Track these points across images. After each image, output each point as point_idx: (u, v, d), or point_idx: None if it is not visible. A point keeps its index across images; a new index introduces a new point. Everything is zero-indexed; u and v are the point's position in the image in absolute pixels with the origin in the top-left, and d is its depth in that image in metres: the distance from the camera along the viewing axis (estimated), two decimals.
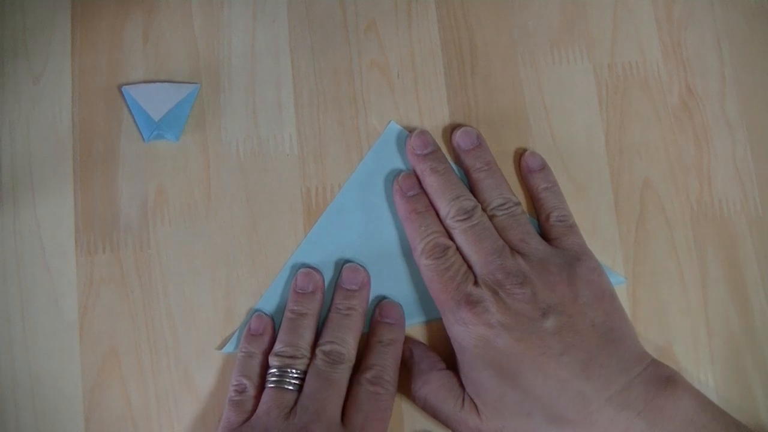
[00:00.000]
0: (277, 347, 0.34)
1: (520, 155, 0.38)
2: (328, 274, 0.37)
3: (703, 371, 0.37)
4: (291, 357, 0.34)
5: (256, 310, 0.36)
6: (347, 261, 0.37)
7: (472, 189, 0.36)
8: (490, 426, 0.32)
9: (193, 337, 0.37)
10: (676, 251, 0.38)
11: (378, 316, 0.36)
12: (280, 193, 0.38)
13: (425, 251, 0.34)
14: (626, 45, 0.40)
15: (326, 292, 0.36)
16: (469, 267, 0.34)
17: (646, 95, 0.39)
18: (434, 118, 0.39)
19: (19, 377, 0.36)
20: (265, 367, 0.34)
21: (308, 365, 0.34)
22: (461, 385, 0.33)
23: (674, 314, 0.37)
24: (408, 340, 0.36)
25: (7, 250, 0.37)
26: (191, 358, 0.36)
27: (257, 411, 0.33)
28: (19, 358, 0.36)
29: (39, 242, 0.37)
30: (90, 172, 0.38)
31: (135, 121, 0.38)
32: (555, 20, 0.40)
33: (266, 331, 0.35)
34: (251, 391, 0.34)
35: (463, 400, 0.33)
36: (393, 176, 0.38)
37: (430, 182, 0.36)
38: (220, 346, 0.36)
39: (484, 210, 0.35)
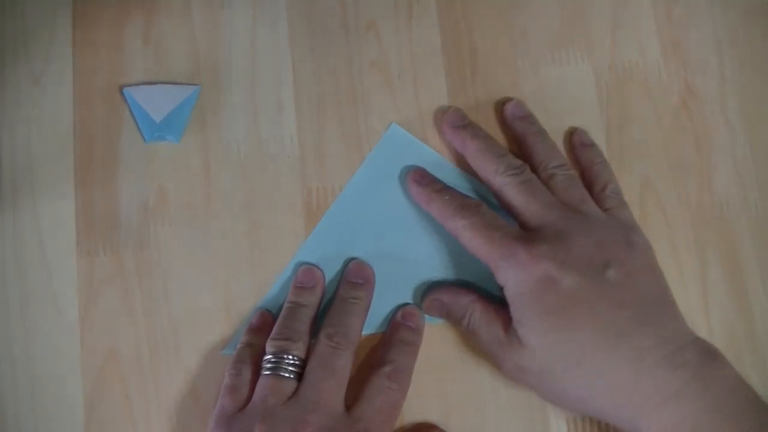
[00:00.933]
0: (274, 333, 0.34)
1: (570, 133, 0.38)
2: (330, 275, 0.37)
3: None
4: (287, 340, 0.33)
5: (258, 309, 0.36)
6: (349, 261, 0.37)
7: (527, 154, 0.36)
8: (535, 366, 0.31)
9: (194, 337, 0.36)
10: (676, 251, 0.38)
11: (401, 318, 0.35)
12: (281, 193, 0.38)
13: (457, 213, 0.34)
14: (626, 45, 0.40)
15: (326, 292, 0.36)
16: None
17: (646, 95, 0.39)
18: (434, 118, 0.39)
19: (18, 378, 0.36)
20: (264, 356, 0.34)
21: (306, 352, 0.33)
22: (508, 319, 0.33)
23: None
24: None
25: (7, 250, 0.37)
26: (191, 358, 0.36)
27: (253, 398, 0.32)
28: (19, 359, 0.36)
29: (39, 242, 0.37)
30: (90, 173, 0.38)
31: (136, 122, 0.38)
32: (555, 20, 0.40)
33: (267, 326, 0.35)
34: (248, 375, 0.33)
35: (509, 330, 0.32)
36: (394, 178, 0.38)
37: (474, 145, 0.36)
38: (221, 347, 0.36)
39: (542, 170, 0.35)
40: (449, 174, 0.38)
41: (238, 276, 0.37)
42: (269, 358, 0.33)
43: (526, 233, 0.32)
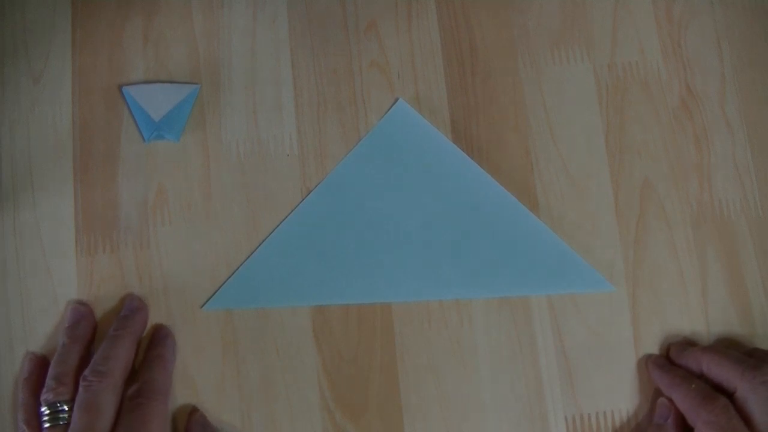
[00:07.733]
0: (45, 386, 0.34)
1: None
2: (321, 243, 0.37)
3: None
4: (52, 390, 0.33)
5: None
6: (341, 231, 0.37)
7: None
8: None
9: (193, 336, 0.37)
10: (676, 251, 0.38)
11: (148, 337, 0.36)
12: (280, 192, 0.38)
13: (701, 405, 0.33)
14: (626, 45, 0.40)
15: (325, 254, 0.37)
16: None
17: (646, 95, 0.39)
18: (434, 118, 0.39)
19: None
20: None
21: (75, 391, 0.33)
22: None
23: (674, 314, 0.37)
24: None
25: (7, 250, 0.37)
26: (191, 357, 0.36)
27: None
28: (20, 359, 0.36)
29: (39, 242, 0.37)
30: (90, 172, 0.38)
31: (135, 122, 0.38)
32: (555, 20, 0.40)
33: (35, 373, 0.35)
34: None
35: None
36: (396, 152, 0.38)
37: (710, 353, 0.35)
38: (219, 342, 0.36)
39: None
40: (451, 155, 0.38)
41: None
42: (43, 411, 0.33)
43: None
